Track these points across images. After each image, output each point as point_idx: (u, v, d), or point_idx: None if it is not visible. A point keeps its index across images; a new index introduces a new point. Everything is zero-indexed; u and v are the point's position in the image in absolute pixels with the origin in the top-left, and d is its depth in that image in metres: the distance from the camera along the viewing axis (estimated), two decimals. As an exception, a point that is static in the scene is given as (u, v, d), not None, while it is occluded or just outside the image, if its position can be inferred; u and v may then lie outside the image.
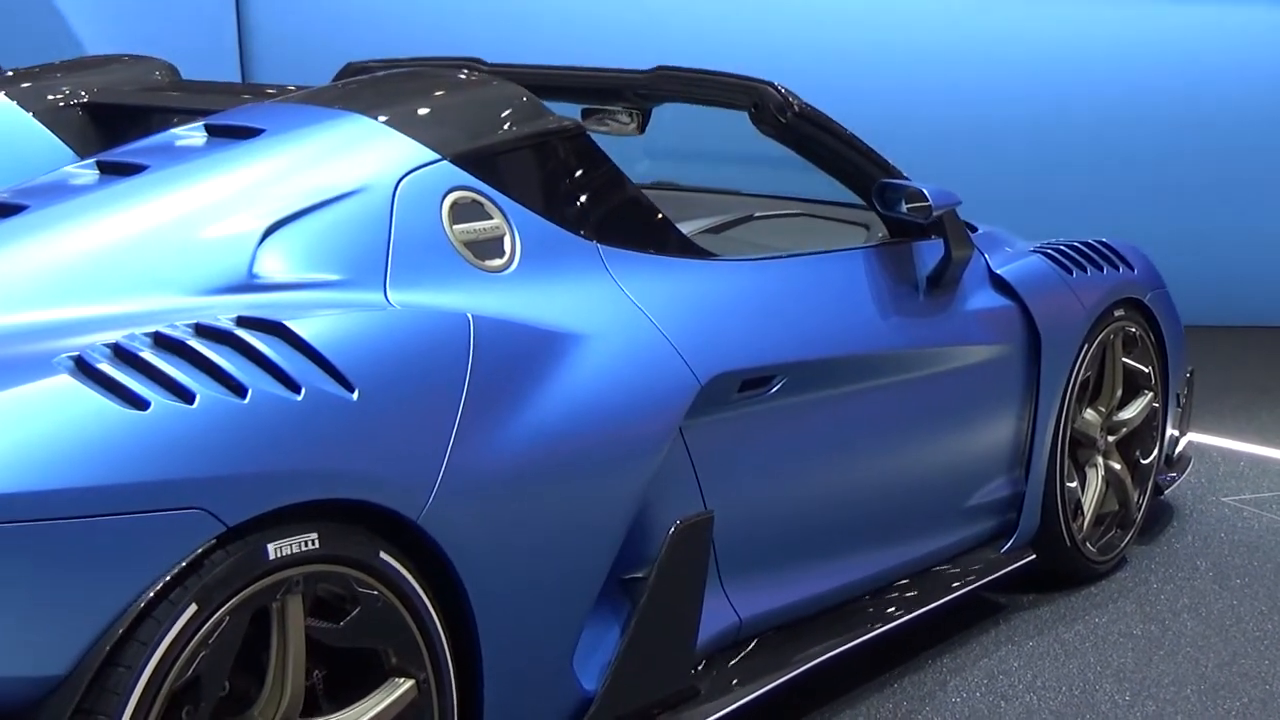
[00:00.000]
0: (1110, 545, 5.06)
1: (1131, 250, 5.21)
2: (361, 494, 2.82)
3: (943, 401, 4.34)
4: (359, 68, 4.85)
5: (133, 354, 2.63)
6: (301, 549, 2.72)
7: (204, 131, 3.35)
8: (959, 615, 4.60)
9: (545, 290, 3.34)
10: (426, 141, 3.33)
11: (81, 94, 3.96)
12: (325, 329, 2.84)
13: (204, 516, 2.57)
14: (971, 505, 4.53)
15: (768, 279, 3.90)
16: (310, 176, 3.19)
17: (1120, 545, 5.11)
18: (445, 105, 3.53)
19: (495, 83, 3.69)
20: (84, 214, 3.00)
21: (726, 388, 3.60)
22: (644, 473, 3.35)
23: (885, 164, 4.39)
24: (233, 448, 2.62)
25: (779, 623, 3.89)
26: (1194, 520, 5.65)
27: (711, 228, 4.96)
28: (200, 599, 2.58)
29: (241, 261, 2.98)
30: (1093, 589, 4.97)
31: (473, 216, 3.31)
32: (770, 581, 3.84)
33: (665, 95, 4.54)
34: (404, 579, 2.90)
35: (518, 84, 4.53)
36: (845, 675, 4.17)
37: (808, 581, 3.97)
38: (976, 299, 4.49)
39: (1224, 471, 6.28)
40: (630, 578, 3.43)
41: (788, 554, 3.89)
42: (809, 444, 3.91)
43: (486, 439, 3.04)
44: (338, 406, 2.78)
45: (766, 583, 3.83)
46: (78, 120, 3.94)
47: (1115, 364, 5.02)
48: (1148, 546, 5.35)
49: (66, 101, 3.95)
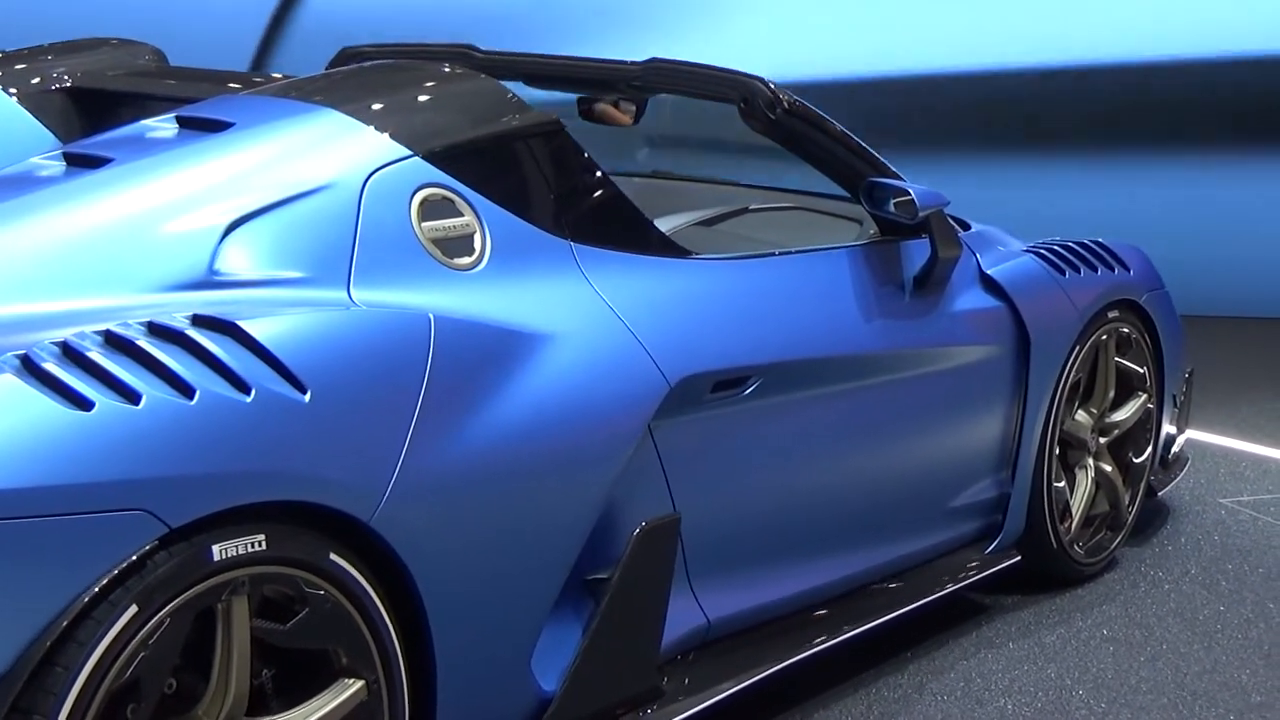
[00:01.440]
0: (1099, 547, 5.04)
1: (1129, 250, 5.17)
2: (311, 496, 2.81)
3: (927, 402, 4.32)
4: (353, 53, 4.85)
5: (80, 353, 2.63)
6: (247, 550, 2.72)
7: (175, 123, 3.35)
8: (941, 616, 4.58)
9: (513, 289, 3.33)
10: (399, 137, 3.32)
11: (65, 78, 3.96)
12: (279, 329, 2.84)
13: (146, 518, 2.57)
14: (955, 507, 4.51)
15: (746, 278, 3.88)
16: (277, 172, 3.18)
17: (1110, 547, 5.08)
18: (421, 101, 3.52)
19: (474, 78, 3.68)
20: (45, 208, 3.00)
21: (699, 388, 3.59)
22: (608, 474, 3.34)
23: (876, 161, 4.36)
24: (178, 449, 2.62)
25: (750, 624, 3.88)
26: (1189, 522, 5.62)
27: (704, 220, 4.94)
28: (141, 600, 2.58)
29: (202, 258, 2.97)
30: (1080, 591, 4.94)
31: (443, 214, 3.30)
32: (741, 583, 3.83)
33: (657, 87, 4.53)
34: (354, 580, 2.90)
35: (511, 72, 4.56)
36: (821, 675, 4.16)
37: (781, 583, 3.95)
38: (965, 299, 4.46)
39: (1224, 472, 6.23)
40: (594, 578, 3.42)
41: (760, 555, 3.88)
42: (785, 445, 3.89)
43: (444, 440, 3.03)
44: (288, 408, 2.78)
45: (737, 584, 3.82)
46: (61, 105, 3.94)
47: (1108, 365, 4.99)
48: (1139, 548, 5.31)
49: (50, 85, 3.94)
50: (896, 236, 4.33)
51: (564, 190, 3.60)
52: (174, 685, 2.73)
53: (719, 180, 5.42)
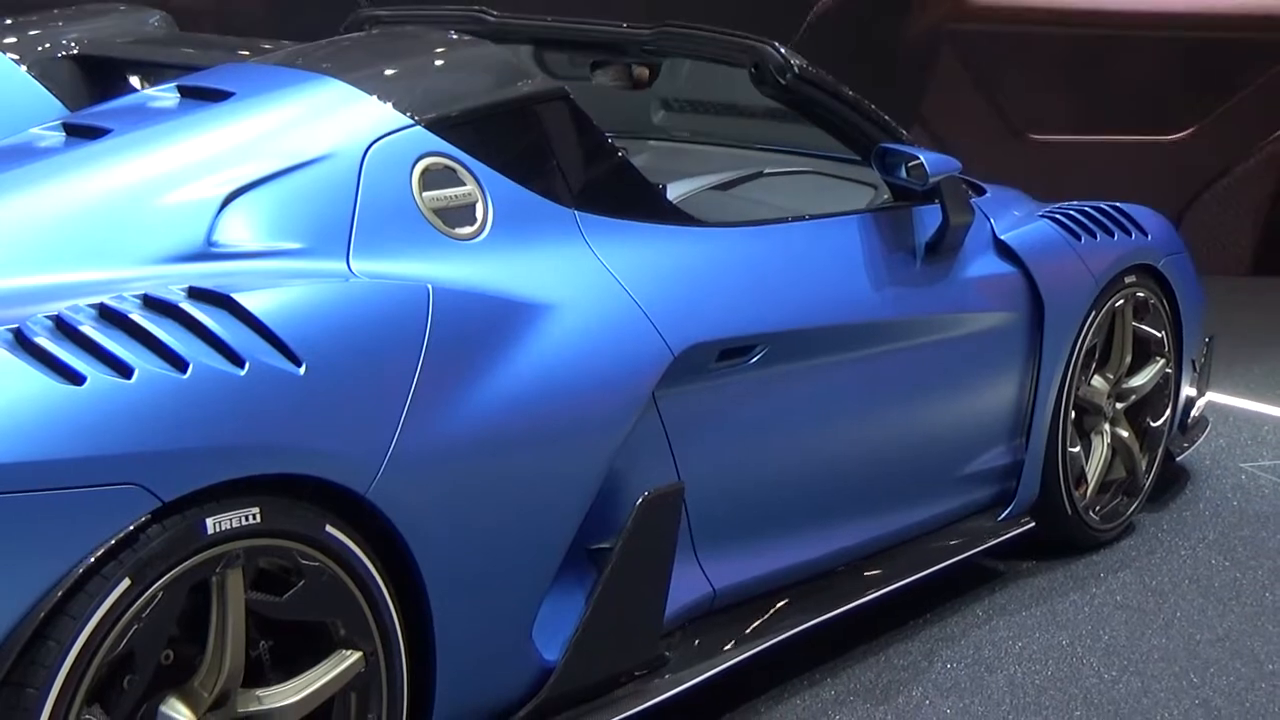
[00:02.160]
0: (1115, 513, 5.01)
1: (1147, 215, 5.13)
2: (306, 468, 2.82)
3: (938, 369, 4.30)
4: (366, 16, 4.84)
5: (73, 327, 2.63)
6: (242, 523, 2.72)
7: (176, 93, 3.34)
8: (954, 583, 4.58)
9: (515, 258, 3.32)
10: (401, 106, 3.31)
11: (72, 45, 3.95)
12: (274, 302, 2.83)
13: (139, 492, 2.58)
14: (967, 474, 4.49)
15: (754, 246, 3.86)
16: (277, 142, 3.17)
17: (1126, 513, 5.05)
18: (424, 69, 3.51)
19: (479, 45, 3.66)
20: (42, 179, 3.00)
21: (704, 357, 3.58)
22: (609, 444, 3.34)
23: (889, 126, 4.34)
24: (171, 423, 2.63)
25: (756, 593, 3.88)
26: (1208, 487, 5.59)
27: (718, 185, 4.91)
28: (134, 574, 2.59)
29: (199, 230, 2.97)
30: (1095, 557, 4.92)
31: (445, 183, 3.29)
32: (748, 551, 3.82)
33: (668, 51, 4.52)
34: (351, 552, 2.90)
35: (522, 36, 4.55)
36: (831, 643, 4.15)
37: (788, 551, 3.95)
38: (978, 265, 4.44)
39: (1246, 437, 6.20)
40: (597, 548, 3.42)
41: (767, 524, 3.87)
42: (792, 413, 3.88)
43: (443, 411, 3.03)
44: (282, 381, 2.78)
45: (743, 553, 3.81)
46: (68, 71, 3.93)
47: (1125, 331, 4.96)
48: (1157, 514, 5.29)
49: (57, 53, 3.94)
50: (909, 202, 4.30)
51: (569, 158, 3.58)
52: (171, 656, 2.74)
53: (736, 143, 5.38)
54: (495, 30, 4.68)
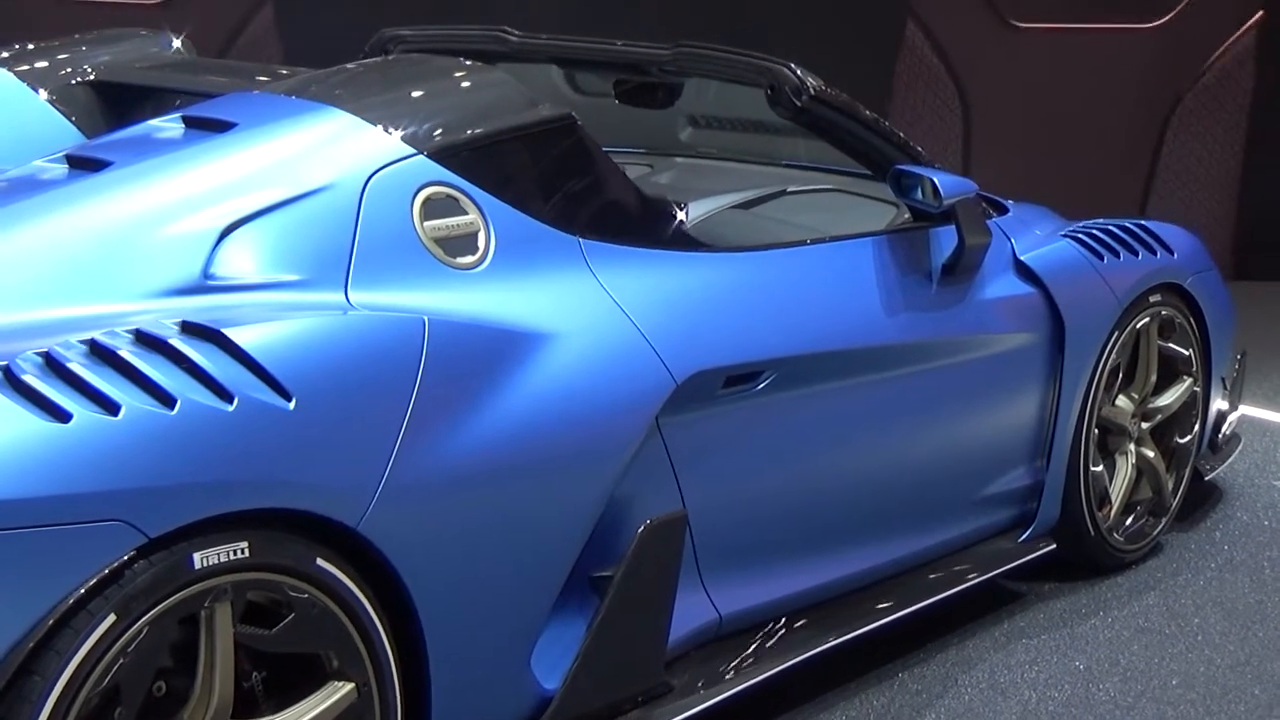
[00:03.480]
0: (1140, 534, 4.98)
1: (1175, 233, 5.09)
2: (295, 502, 2.84)
3: (954, 392, 4.28)
4: (390, 36, 4.86)
5: (61, 364, 2.66)
6: (230, 558, 2.74)
7: (181, 123, 3.37)
8: (974, 605, 4.56)
9: (517, 287, 3.33)
10: (404, 136, 3.33)
11: (90, 71, 3.99)
12: (266, 336, 2.86)
13: (124, 528, 2.61)
14: (986, 496, 4.47)
15: (763, 271, 3.86)
16: (277, 173, 3.20)
17: (1152, 534, 5.02)
18: (430, 98, 3.52)
19: (487, 72, 3.68)
20: (42, 213, 3.03)
21: (710, 384, 3.58)
22: (609, 474, 3.34)
23: (907, 147, 4.33)
24: (157, 459, 2.65)
25: (764, 619, 3.87)
26: (1239, 505, 5.54)
27: (741, 203, 4.91)
28: (120, 609, 2.61)
29: (196, 263, 2.99)
30: (1119, 579, 4.89)
31: (446, 212, 3.30)
32: (755, 577, 3.82)
33: (686, 71, 4.52)
34: (343, 585, 2.92)
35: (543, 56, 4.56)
36: (846, 666, 4.14)
37: (798, 577, 3.94)
38: (996, 286, 4.41)
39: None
40: (599, 575, 3.43)
41: (775, 550, 3.87)
42: (802, 438, 3.87)
43: (437, 443, 3.04)
44: (272, 416, 2.80)
45: (751, 579, 3.81)
46: (86, 97, 3.98)
47: (1150, 350, 4.92)
48: (1185, 534, 5.25)
49: (75, 78, 3.98)
50: (927, 223, 4.29)
51: (574, 186, 3.59)
52: (163, 688, 2.77)
53: (763, 160, 5.37)
54: (516, 50, 4.70)
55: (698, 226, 4.55)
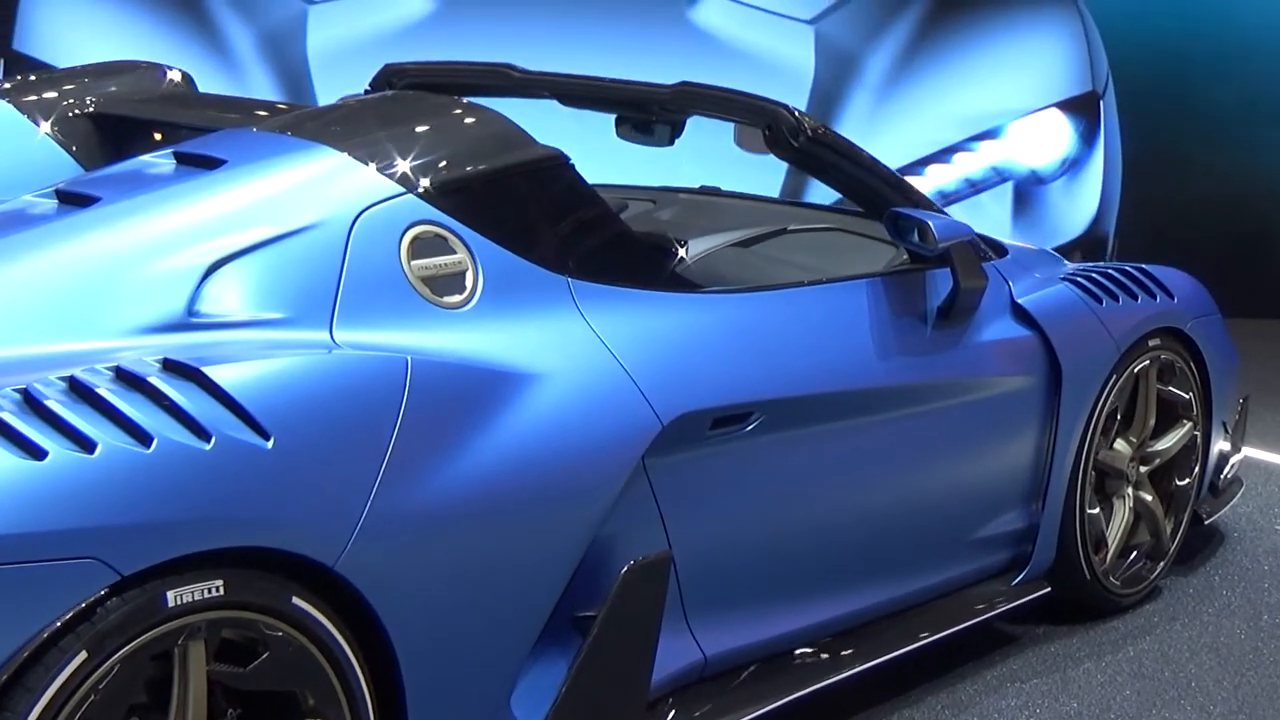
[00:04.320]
0: (1138, 578, 4.97)
1: (1176, 277, 5.09)
2: (272, 541, 2.85)
3: (946, 434, 4.28)
4: (395, 70, 4.89)
5: (39, 401, 2.67)
6: (204, 596, 2.75)
7: (173, 159, 3.39)
8: (967, 647, 4.55)
9: (503, 327, 3.34)
10: (393, 175, 3.35)
11: (90, 103, 4.01)
12: (245, 374, 2.87)
13: (97, 565, 2.62)
14: (979, 538, 4.47)
15: (753, 312, 3.86)
16: (264, 211, 3.21)
17: (1149, 577, 5.00)
18: (421, 137, 3.53)
19: (478, 111, 3.69)
20: (28, 250, 3.05)
21: (697, 425, 3.58)
22: (592, 514, 3.35)
23: (906, 189, 4.34)
24: (132, 497, 2.67)
25: (751, 660, 3.87)
26: (1240, 550, 5.52)
27: (741, 241, 4.93)
28: (91, 646, 2.63)
29: (180, 300, 3.01)
30: (1114, 622, 4.88)
31: (434, 251, 3.32)
32: (742, 618, 3.82)
33: (686, 109, 4.53)
34: (319, 623, 2.93)
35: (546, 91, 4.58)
36: (832, 707, 4.13)
37: (785, 618, 3.94)
38: (992, 329, 4.41)
39: (1286, 496, 6.12)
40: (582, 615, 3.43)
41: (762, 591, 3.86)
42: (791, 480, 3.87)
43: (417, 483, 3.05)
44: (249, 454, 2.81)
45: (737, 620, 3.81)
46: (85, 130, 4.00)
47: (1149, 394, 4.91)
48: (1184, 577, 5.24)
49: (76, 110, 4.00)
50: (924, 265, 4.29)
51: (565, 226, 3.60)
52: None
53: (766, 198, 5.39)
54: (519, 84, 4.72)
55: (695, 264, 4.57)
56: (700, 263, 4.68)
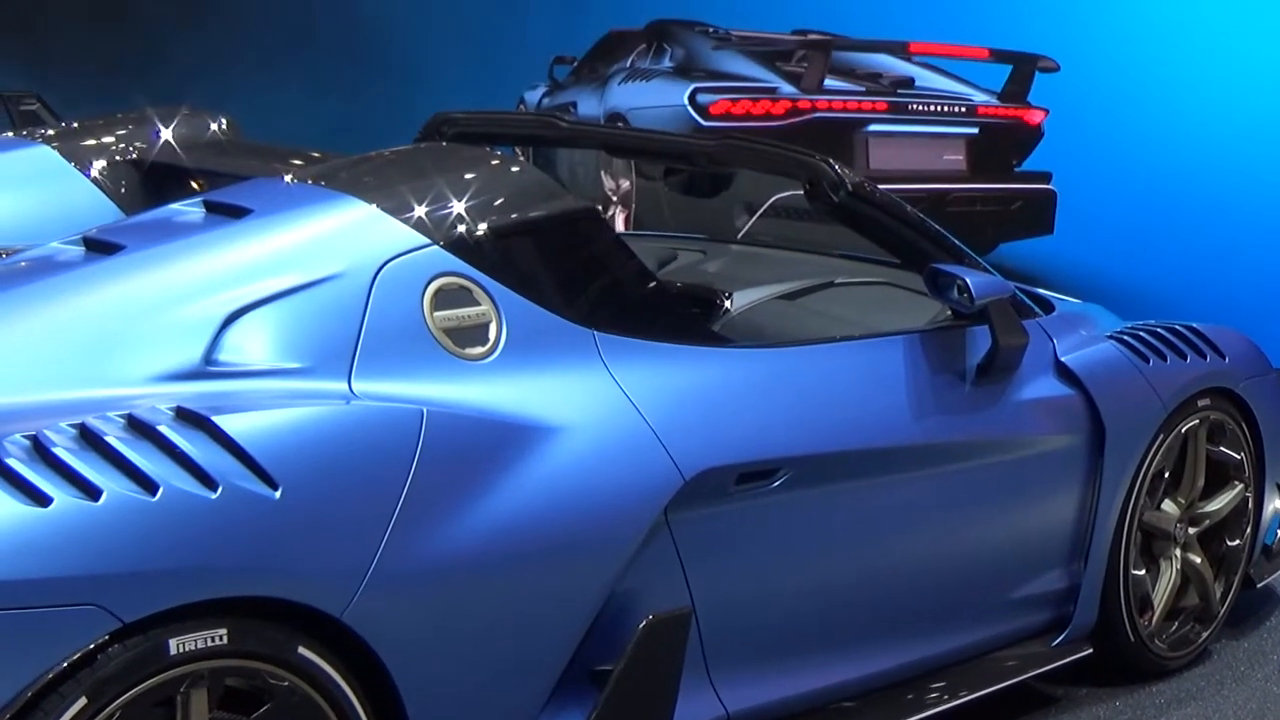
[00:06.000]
0: (1185, 641, 4.89)
1: (1228, 336, 5.01)
2: (277, 591, 2.86)
3: (984, 492, 4.24)
4: (445, 119, 4.92)
5: (46, 448, 2.71)
6: (207, 644, 2.77)
7: (202, 207, 3.43)
8: (1005, 705, 4.48)
9: (525, 379, 3.35)
10: (419, 226, 3.37)
11: (133, 150, 4.08)
12: (255, 424, 2.89)
13: (98, 612, 2.65)
14: (1017, 598, 4.41)
15: (783, 367, 3.84)
16: (287, 261, 3.25)
17: (1198, 641, 4.92)
18: (450, 188, 3.55)
19: (511, 163, 3.71)
20: (51, 297, 3.10)
21: (722, 481, 3.57)
22: (608, 569, 3.34)
23: (948, 244, 4.32)
24: (135, 545, 2.69)
25: (776, 718, 3.84)
26: (1296, 614, 5.43)
27: (786, 294, 4.91)
28: (91, 692, 2.65)
29: (198, 348, 3.04)
30: (1159, 686, 4.80)
31: (458, 303, 3.33)
32: (766, 675, 3.79)
33: (729, 162, 4.54)
34: (325, 674, 2.94)
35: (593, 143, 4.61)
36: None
37: (812, 676, 3.90)
38: (1034, 388, 4.36)
39: (1347, 559, 5.99)
40: (599, 670, 3.42)
41: (788, 648, 3.84)
42: (820, 537, 3.85)
43: (429, 534, 3.06)
44: (256, 504, 2.83)
45: (761, 677, 3.78)
46: (128, 176, 4.07)
47: (1198, 455, 4.84)
48: (1235, 641, 5.14)
49: (118, 156, 4.07)
50: (965, 321, 4.26)
51: (593, 279, 3.61)
52: None
53: (817, 250, 5.38)
54: (567, 136, 4.75)
55: (738, 316, 4.56)
56: (743, 315, 4.67)
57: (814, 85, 9.12)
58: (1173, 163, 8.70)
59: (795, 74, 9.16)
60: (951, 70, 9.20)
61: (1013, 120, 9.08)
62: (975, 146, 9.18)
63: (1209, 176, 8.63)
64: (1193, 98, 8.64)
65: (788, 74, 9.17)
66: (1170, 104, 8.67)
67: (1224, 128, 8.57)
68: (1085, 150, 8.85)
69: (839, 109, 9.14)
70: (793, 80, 9.14)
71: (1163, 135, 8.71)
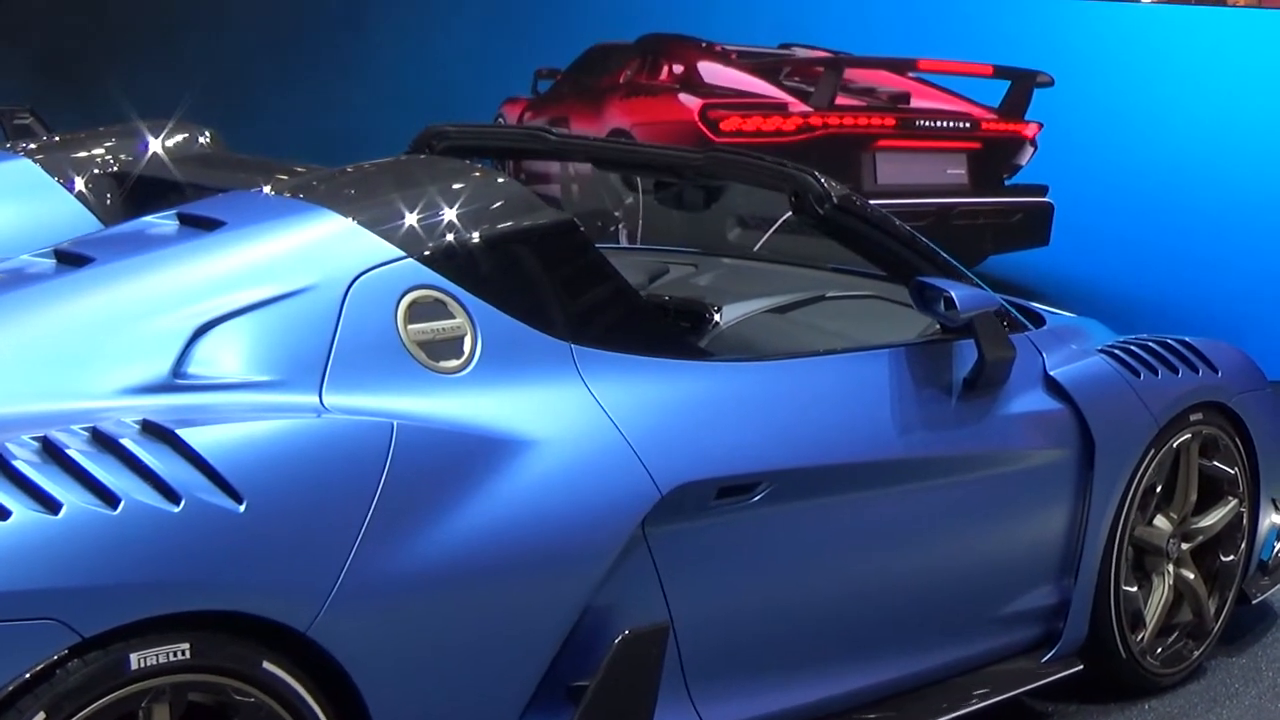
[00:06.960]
0: (1178, 657, 4.84)
1: (1221, 349, 4.98)
2: (241, 605, 2.84)
3: (969, 507, 4.21)
4: (436, 132, 4.91)
5: (6, 461, 2.69)
6: (169, 659, 2.75)
7: (175, 220, 3.42)
8: None
9: (499, 392, 3.33)
10: (393, 239, 3.35)
11: (115, 163, 4.07)
12: (221, 437, 2.87)
13: (57, 626, 2.63)
14: (1005, 614, 4.38)
15: (764, 381, 3.82)
16: (258, 273, 3.23)
17: (1191, 657, 4.88)
18: (426, 201, 3.53)
19: (487, 175, 3.69)
20: (18, 310, 3.09)
21: (700, 495, 3.54)
22: (582, 583, 3.32)
23: (934, 257, 4.29)
24: (96, 558, 2.68)
25: None
26: (1293, 630, 5.38)
27: (776, 307, 4.88)
28: (50, 708, 2.64)
29: (166, 361, 3.03)
30: (1151, 702, 4.76)
31: (432, 316, 3.31)
32: (746, 691, 3.76)
33: (715, 174, 4.51)
34: (291, 688, 2.92)
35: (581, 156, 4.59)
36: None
37: (794, 692, 3.87)
38: (1022, 401, 4.33)
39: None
40: (575, 685, 3.39)
41: (769, 663, 3.81)
42: (801, 551, 3.82)
43: (398, 548, 3.04)
44: (219, 518, 2.81)
45: (741, 693, 3.75)
46: (111, 190, 4.05)
47: (1190, 470, 4.81)
48: (1229, 658, 5.10)
49: (101, 170, 4.05)
50: (953, 335, 4.23)
51: (570, 291, 3.59)
52: None
53: (810, 263, 5.35)
54: (555, 149, 4.74)
55: (727, 330, 4.54)
56: (732, 329, 4.64)
57: (825, 102, 9.10)
58: (1167, 176, 8.70)
59: (794, 90, 9.14)
60: (946, 86, 9.18)
61: (1011, 135, 9.06)
62: (976, 161, 9.15)
63: (1204, 190, 8.63)
64: (1187, 112, 8.65)
65: (790, 90, 9.15)
66: (1164, 118, 8.67)
67: (1218, 142, 8.57)
68: (1079, 163, 8.85)
69: (849, 125, 9.12)
70: (796, 96, 9.13)
71: (1157, 149, 8.71)
